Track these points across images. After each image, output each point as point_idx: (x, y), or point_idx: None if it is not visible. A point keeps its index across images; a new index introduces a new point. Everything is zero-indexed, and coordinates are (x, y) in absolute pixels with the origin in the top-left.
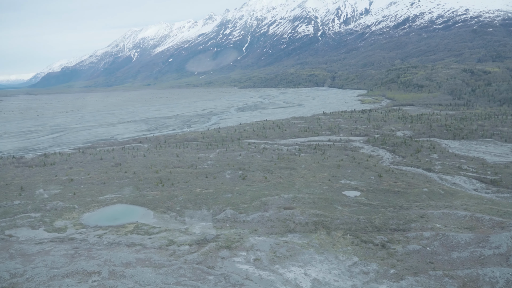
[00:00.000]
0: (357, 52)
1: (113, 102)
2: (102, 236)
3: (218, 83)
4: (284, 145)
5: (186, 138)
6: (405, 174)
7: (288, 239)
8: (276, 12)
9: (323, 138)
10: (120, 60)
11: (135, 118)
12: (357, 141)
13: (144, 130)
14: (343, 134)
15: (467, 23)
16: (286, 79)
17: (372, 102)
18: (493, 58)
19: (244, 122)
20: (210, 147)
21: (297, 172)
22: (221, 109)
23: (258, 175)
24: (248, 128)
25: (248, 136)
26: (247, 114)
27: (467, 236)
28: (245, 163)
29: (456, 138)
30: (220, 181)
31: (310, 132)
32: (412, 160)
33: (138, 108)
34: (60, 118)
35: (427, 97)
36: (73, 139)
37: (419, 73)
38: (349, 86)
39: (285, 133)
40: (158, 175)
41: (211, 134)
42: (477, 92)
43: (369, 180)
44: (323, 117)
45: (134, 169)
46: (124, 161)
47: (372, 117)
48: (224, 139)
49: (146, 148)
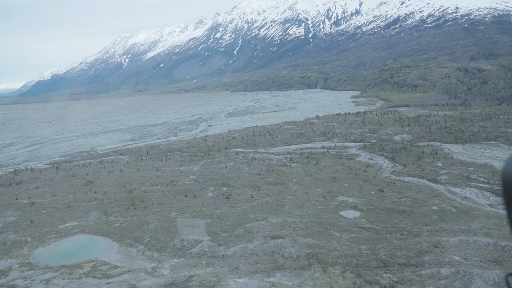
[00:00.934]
0: (348, 53)
1: (100, 110)
2: (49, 282)
3: (210, 87)
4: (275, 154)
5: (170, 149)
6: (409, 186)
7: (276, 280)
8: (267, 14)
9: (316, 145)
10: (111, 67)
11: (120, 126)
12: (353, 148)
13: (128, 140)
14: (337, 140)
15: (458, 21)
16: (278, 81)
17: (366, 104)
18: (485, 56)
19: (233, 128)
20: (194, 158)
21: (288, 188)
22: (210, 115)
23: (244, 192)
24: (237, 135)
25: (236, 144)
26: (237, 120)
27: (495, 274)
28: (231, 177)
29: (458, 141)
30: (200, 201)
31: (302, 138)
32: (414, 169)
33: (125, 116)
34: (42, 129)
35: (422, 97)
36: (51, 152)
37: (413, 73)
38: (341, 87)
39: (276, 140)
40: (131, 196)
41: (197, 143)
42: (474, 91)
43: (369, 195)
44: (316, 121)
45: (106, 188)
46: (98, 177)
47: (368, 120)
48: (211, 148)
49: (125, 161)
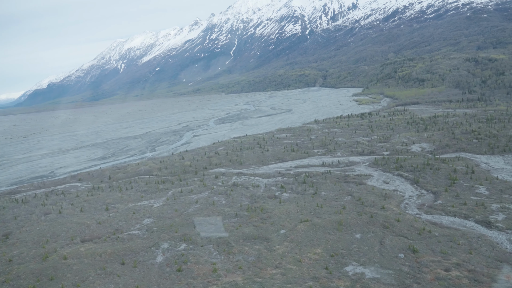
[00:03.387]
0: (347, 48)
1: (85, 120)
2: None
3: (206, 89)
4: (263, 177)
5: (138, 171)
6: (453, 239)
7: None
8: (262, 13)
9: (315, 160)
10: (107, 73)
11: (97, 140)
12: (361, 164)
13: (98, 158)
14: (341, 153)
15: (460, 11)
16: (275, 81)
17: (370, 103)
18: (493, 45)
19: (220, 139)
20: (163, 185)
21: (272, 249)
22: (198, 122)
23: (207, 257)
24: (221, 149)
25: (218, 163)
26: (226, 127)
27: None
28: (198, 222)
29: (494, 151)
30: (139, 277)
31: (298, 152)
32: (450, 199)
33: (108, 127)
34: (11, 145)
35: (432, 93)
36: (1, 178)
37: (418, 66)
38: (342, 85)
39: (267, 156)
40: (42, 267)
41: (172, 162)
42: (489, 84)
43: (397, 263)
44: (315, 127)
45: (18, 249)
46: (23, 226)
47: (375, 124)
48: (187, 169)
49: (76, 193)
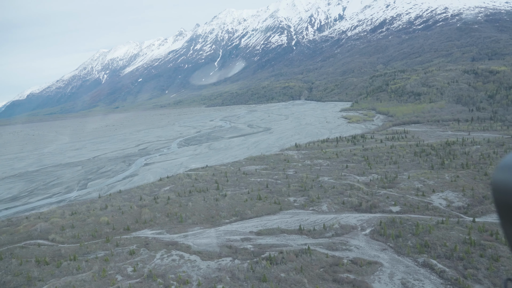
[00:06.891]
0: (334, 59)
1: (42, 138)
2: None
3: (188, 101)
4: (203, 256)
5: (32, 232)
6: None
7: None
8: (248, 23)
9: (289, 219)
10: (89, 83)
11: (29, 167)
12: (359, 231)
13: (6, 199)
14: (327, 206)
15: (449, 22)
16: (258, 93)
17: (361, 120)
18: (489, 56)
19: (173, 171)
20: (45, 269)
21: None
22: (161, 143)
23: None
24: (166, 189)
25: (149, 218)
26: (189, 152)
27: None
28: None
29: None
30: None
31: (267, 201)
32: None
33: (57, 147)
34: None
35: (432, 109)
36: None
37: (412, 78)
38: (328, 98)
39: (221, 207)
40: None
41: (86, 215)
42: (498, 99)
43: None
44: (294, 156)
45: None
46: None
47: (372, 153)
48: (100, 232)
49: None
